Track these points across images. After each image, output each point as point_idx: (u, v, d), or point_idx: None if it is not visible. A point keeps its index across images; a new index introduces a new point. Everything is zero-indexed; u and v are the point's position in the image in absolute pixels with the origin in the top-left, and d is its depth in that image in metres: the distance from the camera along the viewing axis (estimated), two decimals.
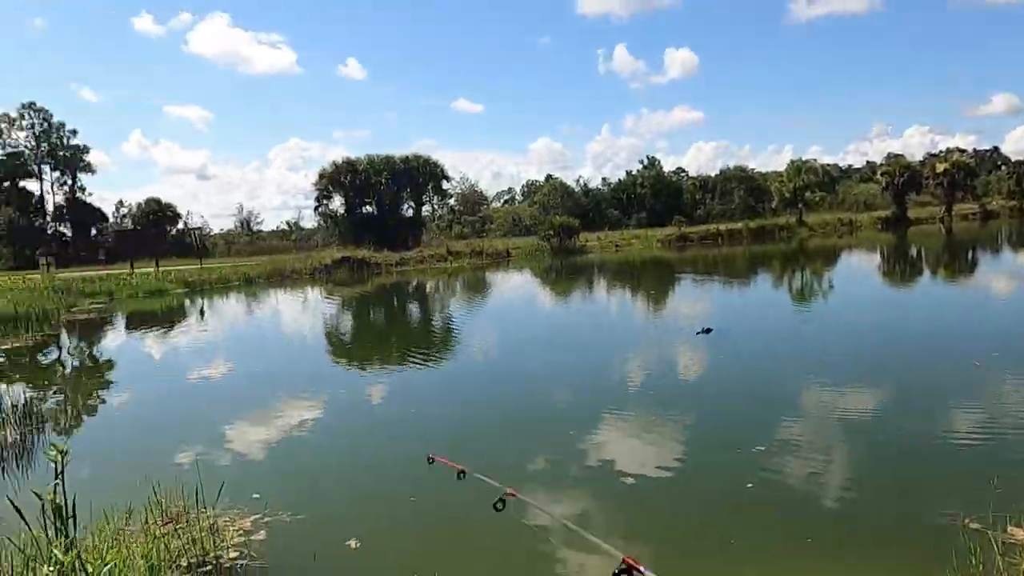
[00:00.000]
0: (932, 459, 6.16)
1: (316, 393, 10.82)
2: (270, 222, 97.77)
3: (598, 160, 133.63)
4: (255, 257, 52.02)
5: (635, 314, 19.57)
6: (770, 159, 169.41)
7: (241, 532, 5.15)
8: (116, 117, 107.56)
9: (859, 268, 30.62)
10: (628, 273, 35.17)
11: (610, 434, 7.52)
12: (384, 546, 5.16)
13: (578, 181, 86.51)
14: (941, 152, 77.62)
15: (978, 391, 8.12)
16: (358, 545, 4.98)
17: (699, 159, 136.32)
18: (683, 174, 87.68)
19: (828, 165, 78.04)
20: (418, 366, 12.76)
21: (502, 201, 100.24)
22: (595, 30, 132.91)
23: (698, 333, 12.92)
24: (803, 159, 63.11)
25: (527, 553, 4.81)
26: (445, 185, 62.98)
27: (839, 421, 7.35)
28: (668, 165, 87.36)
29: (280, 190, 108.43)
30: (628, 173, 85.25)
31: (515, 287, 32.75)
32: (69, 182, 69.10)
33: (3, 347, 16.43)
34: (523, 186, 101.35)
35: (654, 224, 67.26)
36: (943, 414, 7.40)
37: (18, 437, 8.12)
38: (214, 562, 4.65)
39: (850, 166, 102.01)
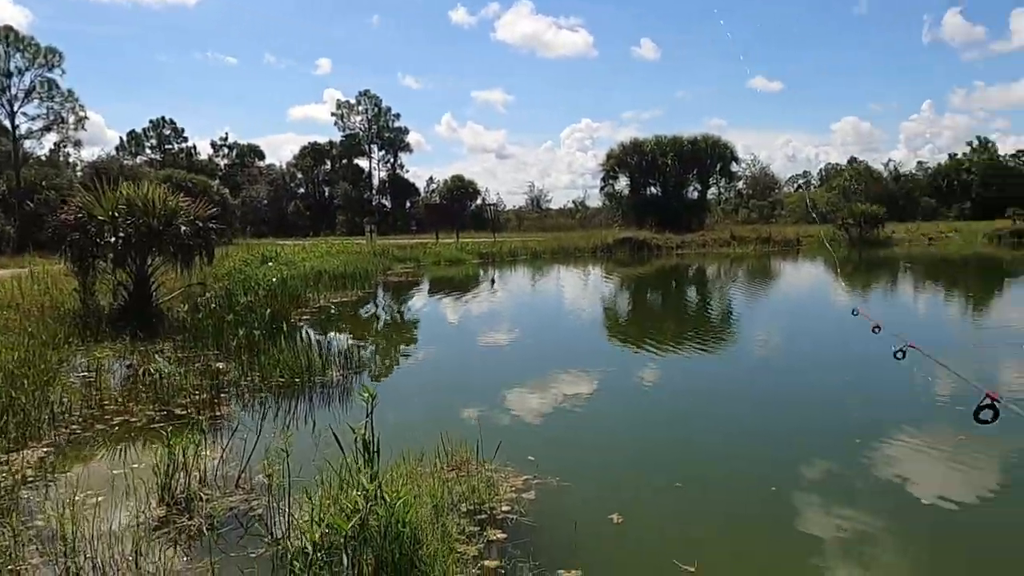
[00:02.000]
0: None
1: (591, 368, 11.12)
2: (558, 200, 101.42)
3: (914, 142, 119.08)
4: (542, 233, 54.65)
5: (949, 318, 17.18)
6: None
7: (513, 489, 5.51)
8: (431, 102, 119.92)
9: None
10: (941, 271, 30.90)
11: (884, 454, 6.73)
12: (646, 524, 5.19)
13: (887, 165, 77.73)
14: None
15: None
16: (621, 520, 5.06)
17: None
18: None
19: None
20: (693, 352, 12.53)
21: (795, 186, 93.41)
22: None
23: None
24: None
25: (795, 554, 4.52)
26: (734, 167, 60.38)
27: None
28: (1006, 147, 74.90)
29: (569, 169, 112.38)
30: (951, 157, 74.87)
31: (804, 278, 30.54)
32: (391, 160, 78.89)
33: (335, 300, 19.32)
34: (820, 170, 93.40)
35: (980, 216, 58.22)
36: None
37: (341, 378, 9.52)
38: (488, 512, 5.05)
39: None
